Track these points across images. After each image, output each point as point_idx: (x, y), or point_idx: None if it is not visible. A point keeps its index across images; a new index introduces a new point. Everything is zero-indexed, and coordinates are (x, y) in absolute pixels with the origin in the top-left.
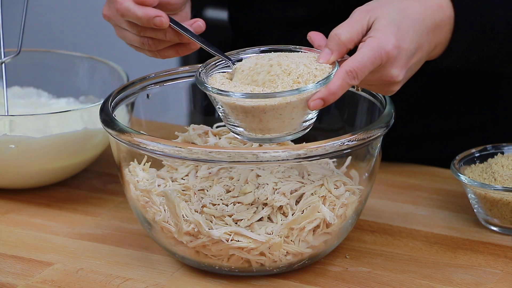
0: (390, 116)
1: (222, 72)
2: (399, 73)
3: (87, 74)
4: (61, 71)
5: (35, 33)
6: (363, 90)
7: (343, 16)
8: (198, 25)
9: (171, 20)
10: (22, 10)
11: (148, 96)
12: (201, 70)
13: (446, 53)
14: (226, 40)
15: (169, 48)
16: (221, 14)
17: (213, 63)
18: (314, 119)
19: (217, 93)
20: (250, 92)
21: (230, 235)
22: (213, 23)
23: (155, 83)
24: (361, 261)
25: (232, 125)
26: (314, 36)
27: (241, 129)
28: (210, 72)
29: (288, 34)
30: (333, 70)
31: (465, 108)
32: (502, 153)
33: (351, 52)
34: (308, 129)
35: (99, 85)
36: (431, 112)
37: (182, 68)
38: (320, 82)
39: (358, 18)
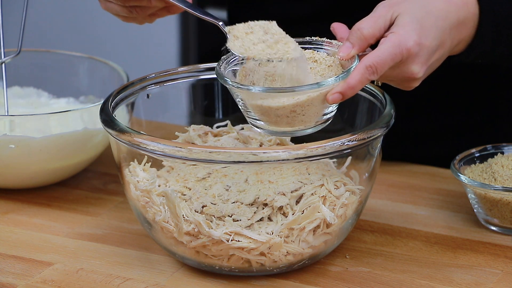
0: (390, 116)
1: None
2: (420, 70)
3: (87, 74)
4: (61, 71)
5: (35, 33)
6: (363, 90)
7: (346, 13)
8: None
9: None
10: (22, 10)
11: (148, 96)
12: (221, 63)
13: (469, 49)
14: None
15: (160, 10)
16: (221, 14)
17: (233, 57)
18: (334, 112)
19: (238, 87)
20: (270, 87)
21: (230, 235)
22: (213, 23)
23: (155, 83)
24: (361, 261)
25: (253, 118)
26: (338, 27)
27: (262, 123)
28: (230, 65)
29: (290, 32)
30: (352, 64)
31: (465, 107)
32: (502, 153)
33: (372, 46)
34: (329, 122)
35: (99, 85)
36: (432, 111)
37: (182, 68)
38: (340, 76)
39: (381, 12)
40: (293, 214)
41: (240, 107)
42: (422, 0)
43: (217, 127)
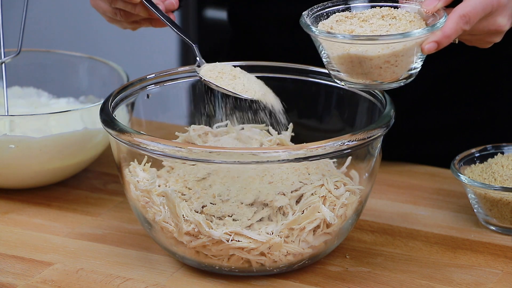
0: (390, 116)
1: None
2: (507, 23)
3: (87, 74)
4: (61, 71)
5: (35, 33)
6: (363, 90)
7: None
8: (171, 2)
9: None
10: (22, 10)
11: (148, 96)
12: (306, 15)
13: None
14: (225, 40)
15: (143, 20)
16: (221, 14)
17: (320, 9)
18: (418, 69)
19: (324, 35)
20: (355, 34)
21: (230, 235)
22: (213, 23)
23: (155, 83)
24: (361, 261)
25: (336, 70)
26: None
27: (345, 75)
28: (314, 16)
29: (289, 32)
30: (440, 18)
31: (465, 106)
32: (502, 153)
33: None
34: (412, 78)
35: (99, 85)
36: (432, 111)
37: (182, 68)
38: (427, 28)
39: None
40: (293, 214)
41: (323, 59)
42: None
43: (217, 127)
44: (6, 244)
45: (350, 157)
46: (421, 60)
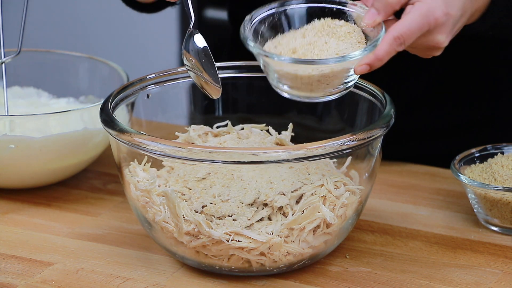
0: (390, 116)
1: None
2: (445, 40)
3: (87, 74)
4: (61, 71)
5: (35, 33)
6: (363, 90)
7: None
8: None
9: None
10: (22, 10)
11: (148, 96)
12: (246, 23)
13: (482, 18)
14: (226, 39)
15: None
16: (221, 14)
17: (260, 15)
18: (355, 80)
19: (262, 54)
20: (295, 58)
21: (230, 235)
22: (213, 23)
23: (155, 83)
24: (361, 261)
25: (276, 82)
26: None
27: (286, 87)
28: (254, 25)
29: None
30: (379, 33)
31: (465, 106)
32: (502, 153)
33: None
34: (348, 90)
35: (99, 85)
36: (432, 110)
37: (182, 68)
38: (367, 49)
39: None
40: (293, 214)
41: (263, 70)
42: None
43: (217, 127)
44: (6, 244)
45: (350, 157)
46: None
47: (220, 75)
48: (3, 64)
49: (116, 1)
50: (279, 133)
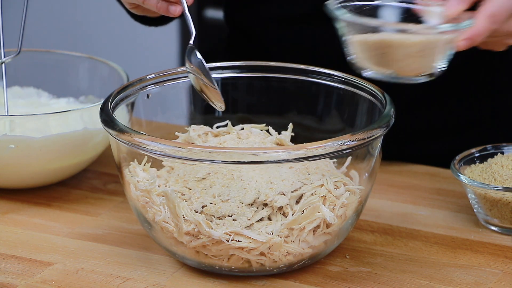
0: (390, 116)
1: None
2: None
3: (87, 74)
4: (61, 71)
5: (35, 33)
6: (363, 90)
7: None
8: None
9: None
10: (22, 10)
11: (148, 96)
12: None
13: None
14: (223, 39)
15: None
16: (221, 14)
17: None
18: (444, 67)
19: (353, 20)
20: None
21: (230, 235)
22: (213, 23)
23: (155, 83)
24: (361, 261)
25: (357, 58)
26: None
27: (369, 64)
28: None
29: (287, 32)
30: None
31: (465, 106)
32: (502, 153)
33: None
34: (437, 76)
35: (99, 85)
36: (432, 110)
37: (182, 68)
38: (456, 24)
39: None
40: (293, 214)
41: (346, 47)
42: None
43: (217, 127)
44: (6, 244)
45: (350, 157)
46: (446, 61)
47: (220, 75)
48: (3, 64)
49: (116, 1)
50: (279, 133)
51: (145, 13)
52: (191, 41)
